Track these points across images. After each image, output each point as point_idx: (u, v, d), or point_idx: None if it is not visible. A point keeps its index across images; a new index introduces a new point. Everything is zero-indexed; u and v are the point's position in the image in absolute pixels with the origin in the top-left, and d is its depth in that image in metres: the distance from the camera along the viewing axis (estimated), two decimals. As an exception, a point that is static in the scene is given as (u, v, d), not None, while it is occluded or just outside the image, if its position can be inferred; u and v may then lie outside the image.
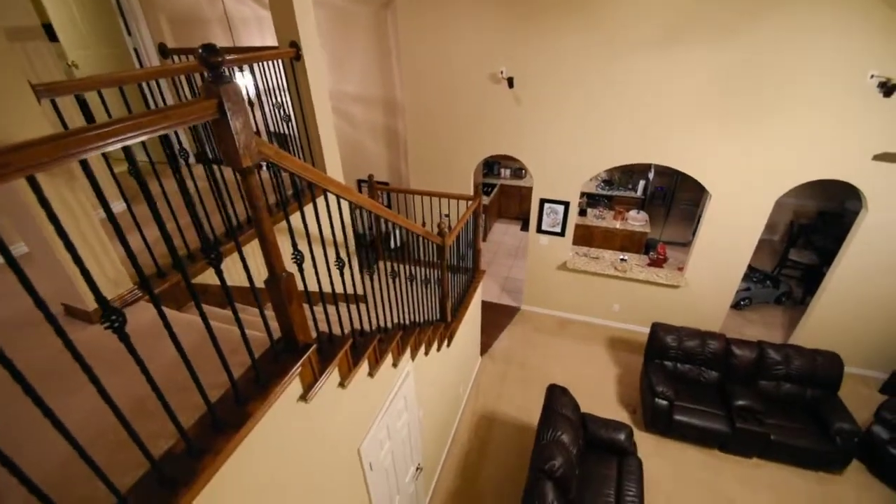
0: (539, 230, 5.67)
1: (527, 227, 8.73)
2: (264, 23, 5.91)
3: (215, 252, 1.23)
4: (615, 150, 4.84)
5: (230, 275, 1.59)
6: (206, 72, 1.09)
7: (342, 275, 1.90)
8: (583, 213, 7.44)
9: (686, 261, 5.39)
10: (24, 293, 0.78)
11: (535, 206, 5.52)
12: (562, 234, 5.58)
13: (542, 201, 5.46)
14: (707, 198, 4.87)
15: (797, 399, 4.40)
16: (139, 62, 3.81)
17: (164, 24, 4.02)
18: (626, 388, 5.13)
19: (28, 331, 1.82)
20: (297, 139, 3.11)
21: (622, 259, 5.76)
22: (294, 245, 1.59)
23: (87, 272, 0.88)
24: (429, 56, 4.97)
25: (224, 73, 1.11)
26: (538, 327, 6.11)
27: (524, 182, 8.57)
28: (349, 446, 2.23)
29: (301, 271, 1.62)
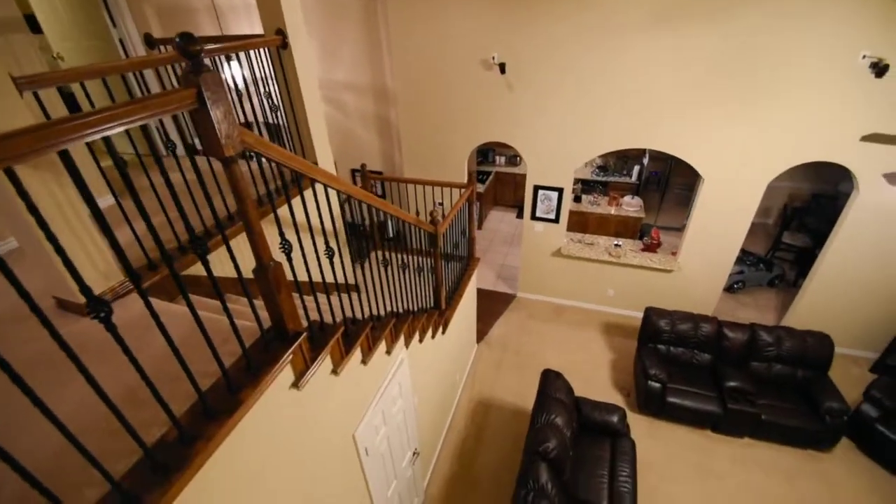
0: (533, 217, 5.68)
1: (522, 214, 8.74)
2: (253, 11, 5.81)
3: (201, 246, 1.23)
4: (607, 135, 4.83)
5: (223, 265, 1.60)
6: (185, 61, 1.09)
7: (332, 264, 1.91)
8: (577, 199, 7.44)
9: (679, 245, 5.42)
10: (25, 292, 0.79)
11: (528, 192, 5.52)
12: (556, 220, 5.59)
13: (536, 188, 5.46)
14: (700, 182, 4.88)
15: (788, 380, 4.47)
16: (125, 53, 3.76)
17: (151, 14, 3.96)
18: (620, 372, 5.20)
19: (23, 324, 1.83)
20: (286, 128, 3.09)
21: (616, 244, 5.79)
22: (281, 234, 1.59)
23: (69, 262, 0.89)
24: (420, 43, 4.92)
25: (203, 61, 1.10)
26: (534, 314, 6.16)
27: (519, 169, 8.55)
28: (344, 432, 2.27)
29: (290, 261, 1.63)
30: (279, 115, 2.97)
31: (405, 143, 5.73)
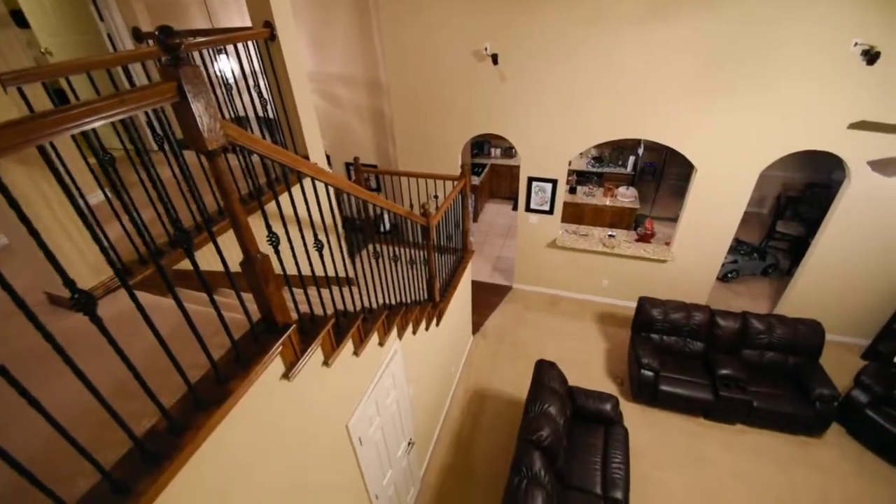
0: (528, 209, 5.69)
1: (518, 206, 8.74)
2: (244, 4, 5.77)
3: (186, 240, 1.25)
4: (600, 126, 4.83)
5: (216, 259, 1.61)
6: (164, 54, 1.09)
7: (322, 257, 1.92)
8: (573, 190, 7.44)
9: (673, 235, 5.45)
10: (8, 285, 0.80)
11: (523, 184, 5.52)
12: (550, 212, 5.60)
13: (531, 179, 5.46)
14: (693, 172, 4.89)
15: (779, 367, 4.53)
16: (113, 47, 3.73)
17: (140, 7, 3.92)
18: (613, 361, 5.25)
19: (14, 320, 1.84)
20: (277, 122, 3.08)
21: (610, 235, 5.81)
22: (268, 227, 1.61)
23: (51, 255, 0.90)
24: (412, 34, 4.89)
25: (182, 54, 1.11)
26: (529, 305, 6.19)
27: (515, 161, 8.53)
28: (337, 422, 2.30)
29: (277, 253, 1.65)
30: (269, 108, 2.96)
31: (399, 136, 5.72)
